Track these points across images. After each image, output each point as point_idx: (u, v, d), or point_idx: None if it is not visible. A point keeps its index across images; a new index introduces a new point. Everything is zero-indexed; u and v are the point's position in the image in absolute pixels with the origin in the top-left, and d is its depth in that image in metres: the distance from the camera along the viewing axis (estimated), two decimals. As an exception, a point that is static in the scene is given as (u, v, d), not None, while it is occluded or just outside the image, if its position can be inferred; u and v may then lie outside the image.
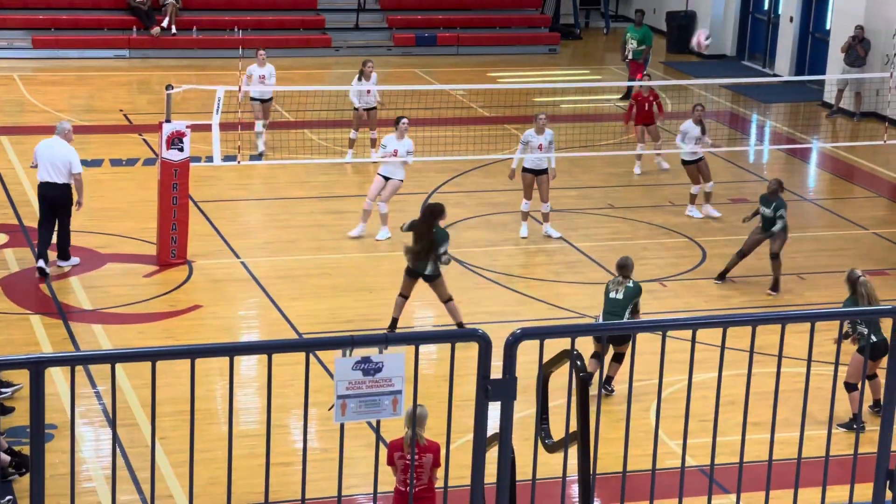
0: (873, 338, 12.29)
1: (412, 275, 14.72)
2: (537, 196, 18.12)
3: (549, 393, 8.15)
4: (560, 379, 6.95)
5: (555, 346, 6.28)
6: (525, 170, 18.12)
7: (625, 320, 13.27)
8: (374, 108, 21.34)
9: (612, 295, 13.53)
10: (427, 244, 14.47)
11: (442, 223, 14.80)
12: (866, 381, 12.73)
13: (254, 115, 21.23)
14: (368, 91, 20.98)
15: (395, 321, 14.91)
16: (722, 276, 16.98)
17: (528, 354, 5.40)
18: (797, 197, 20.79)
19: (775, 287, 16.70)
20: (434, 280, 14.72)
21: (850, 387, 12.59)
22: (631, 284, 13.55)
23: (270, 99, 21.50)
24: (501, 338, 5.13)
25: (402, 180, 17.88)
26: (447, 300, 14.84)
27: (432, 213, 14.70)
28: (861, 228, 19.41)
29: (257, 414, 13.23)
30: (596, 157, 21.81)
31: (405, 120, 18.05)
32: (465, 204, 19.64)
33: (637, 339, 5.64)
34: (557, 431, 7.87)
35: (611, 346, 13.53)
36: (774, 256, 16.69)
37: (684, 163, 19.45)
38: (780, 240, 16.67)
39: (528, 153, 18.02)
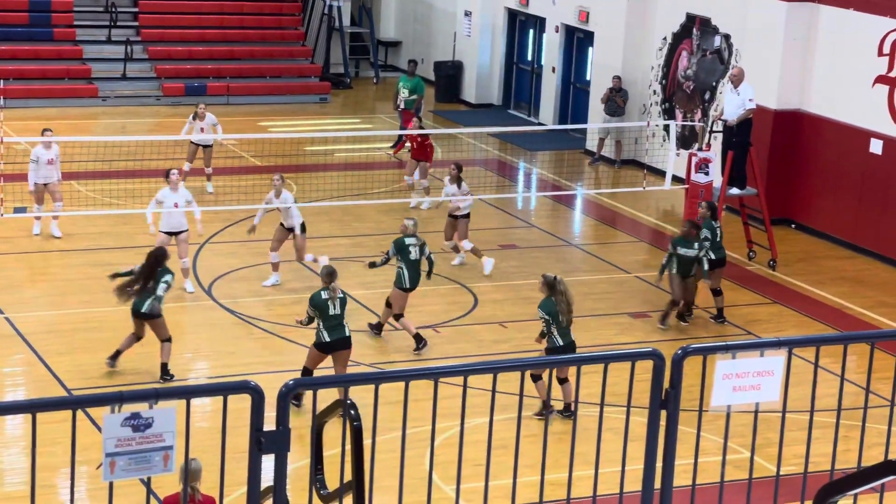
0: (560, 341, 14.03)
1: (136, 315, 15.12)
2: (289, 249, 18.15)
3: (323, 443, 8.15)
4: (334, 428, 6.96)
5: (330, 395, 6.30)
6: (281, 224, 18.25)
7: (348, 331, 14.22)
8: (210, 145, 22.11)
9: (332, 312, 14.06)
10: (142, 283, 14.93)
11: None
12: (560, 385, 13.93)
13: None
14: (202, 129, 21.89)
15: (118, 353, 15.33)
16: (663, 320, 17.71)
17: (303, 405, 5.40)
18: (563, 242, 21.36)
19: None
20: (154, 319, 15.07)
21: (535, 378, 13.58)
22: (341, 295, 14.20)
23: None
24: (275, 389, 5.13)
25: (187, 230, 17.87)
26: (165, 339, 15.19)
27: (156, 258, 15.12)
28: (625, 272, 20.04)
29: (22, 474, 12.80)
30: (368, 206, 21.97)
31: (174, 171, 17.90)
32: (238, 254, 19.50)
33: (409, 386, 5.71)
34: (333, 481, 7.86)
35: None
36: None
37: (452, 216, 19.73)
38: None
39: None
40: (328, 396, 6.45)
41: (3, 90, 26.67)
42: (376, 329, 16.68)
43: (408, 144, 22.05)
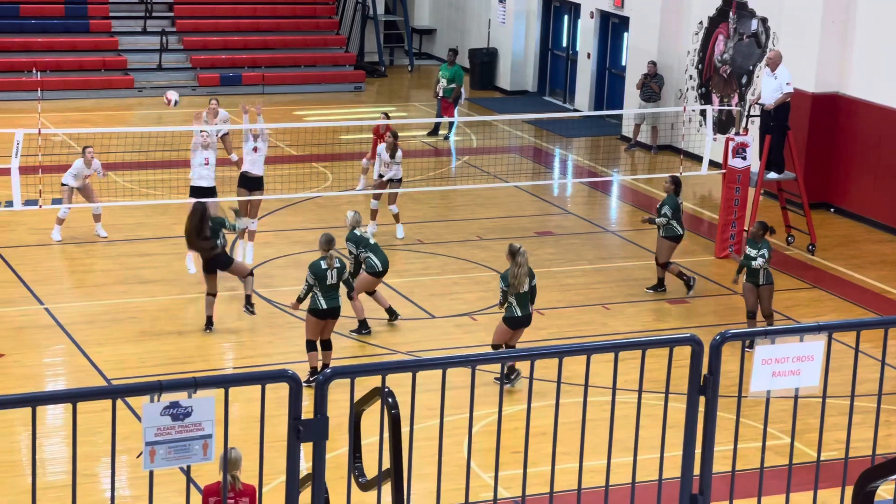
0: (518, 311, 14.53)
1: (210, 269, 16.12)
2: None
3: (361, 431, 8.16)
4: (372, 417, 6.96)
5: (367, 383, 6.31)
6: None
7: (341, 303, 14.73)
8: (227, 133, 22.29)
9: (329, 281, 14.49)
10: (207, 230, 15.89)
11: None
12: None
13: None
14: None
15: (210, 318, 16.22)
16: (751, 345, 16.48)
17: (339, 393, 5.41)
18: (600, 229, 21.31)
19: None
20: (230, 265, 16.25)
21: (495, 347, 14.69)
22: (338, 264, 14.61)
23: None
24: (312, 378, 5.13)
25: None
26: (248, 275, 16.44)
27: (200, 214, 15.99)
28: (662, 258, 19.93)
29: (64, 464, 12.89)
30: (403, 194, 21.95)
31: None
32: (274, 243, 19.54)
33: (448, 374, 5.70)
34: (371, 469, 7.87)
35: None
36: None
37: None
38: (766, 293, 16.18)
39: None
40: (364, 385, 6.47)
41: (41, 82, 26.82)
42: (392, 316, 16.71)
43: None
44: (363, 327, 16.27)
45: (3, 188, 18.26)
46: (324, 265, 14.53)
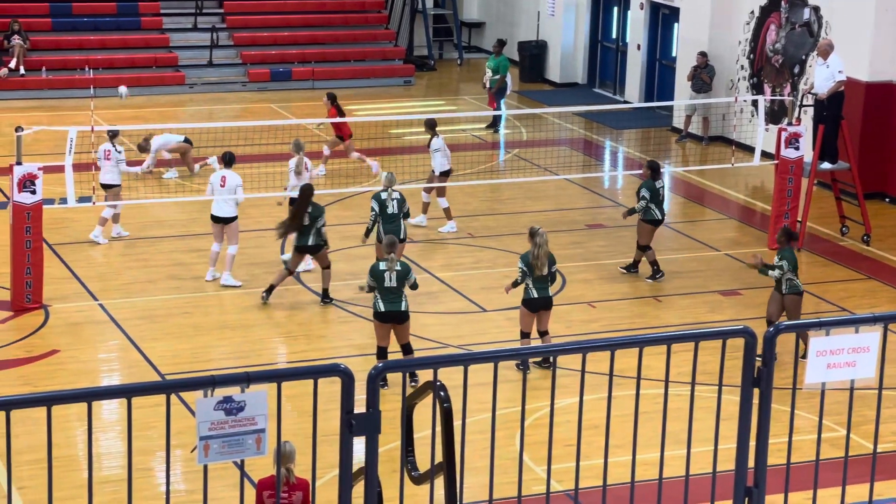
0: (534, 293, 14.72)
1: (300, 250, 16.80)
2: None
3: (413, 425, 8.18)
4: (424, 410, 6.97)
5: (419, 376, 6.30)
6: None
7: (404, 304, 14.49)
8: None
9: (387, 283, 14.40)
10: (305, 219, 16.57)
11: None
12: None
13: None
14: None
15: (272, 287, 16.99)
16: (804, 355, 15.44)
17: (391, 387, 5.41)
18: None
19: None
20: (319, 251, 16.79)
21: (523, 333, 14.89)
22: (399, 267, 14.44)
23: None
24: (365, 371, 5.14)
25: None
26: (325, 266, 16.99)
27: (306, 193, 16.63)
28: (714, 250, 19.85)
29: (119, 458, 13.00)
30: (454, 187, 21.95)
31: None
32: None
33: (499, 367, 5.70)
34: (424, 463, 7.89)
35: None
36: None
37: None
38: (792, 304, 14.84)
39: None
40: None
41: (93, 79, 27.04)
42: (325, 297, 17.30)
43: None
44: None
45: (58, 185, 18.44)
46: (382, 266, 14.40)
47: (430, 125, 20.17)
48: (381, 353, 14.25)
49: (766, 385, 5.60)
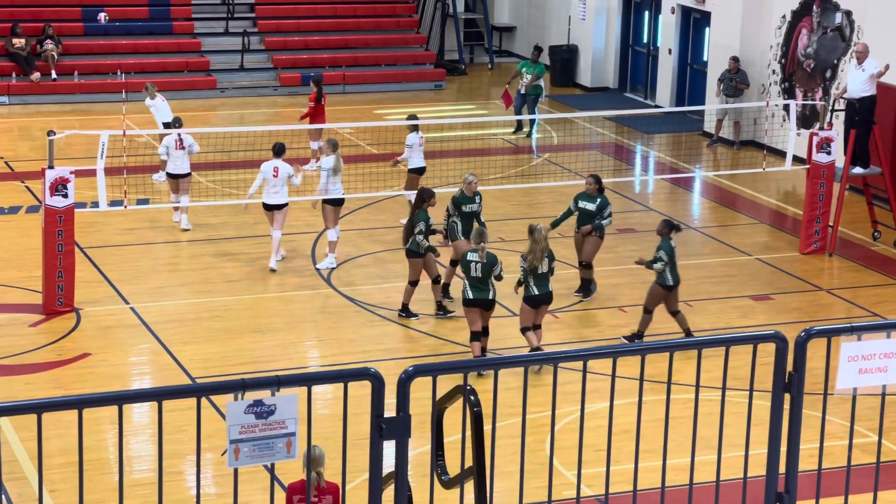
0: (535, 290, 14.90)
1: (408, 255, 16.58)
2: None
3: (443, 429, 8.18)
4: (454, 414, 6.97)
5: (449, 381, 6.32)
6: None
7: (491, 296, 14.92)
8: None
9: (473, 273, 14.78)
10: (407, 224, 16.50)
11: (430, 208, 16.62)
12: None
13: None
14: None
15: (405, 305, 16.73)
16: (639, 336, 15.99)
17: (421, 391, 5.42)
18: (682, 225, 21.12)
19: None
20: (414, 258, 16.39)
21: (523, 329, 15.08)
22: (485, 260, 14.84)
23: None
24: (395, 375, 5.15)
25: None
26: (433, 279, 16.72)
27: (420, 197, 16.57)
28: (745, 255, 19.77)
29: (150, 462, 13.05)
30: (484, 191, 21.94)
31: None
32: (356, 242, 19.63)
33: (528, 371, 5.69)
34: (453, 467, 7.87)
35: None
36: (674, 313, 15.98)
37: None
38: (656, 294, 15.73)
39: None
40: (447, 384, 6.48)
41: (125, 84, 27.18)
42: (444, 293, 17.09)
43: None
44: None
45: (90, 189, 18.53)
46: (469, 256, 14.95)
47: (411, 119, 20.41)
48: (475, 336, 14.94)
49: (797, 390, 5.57)
